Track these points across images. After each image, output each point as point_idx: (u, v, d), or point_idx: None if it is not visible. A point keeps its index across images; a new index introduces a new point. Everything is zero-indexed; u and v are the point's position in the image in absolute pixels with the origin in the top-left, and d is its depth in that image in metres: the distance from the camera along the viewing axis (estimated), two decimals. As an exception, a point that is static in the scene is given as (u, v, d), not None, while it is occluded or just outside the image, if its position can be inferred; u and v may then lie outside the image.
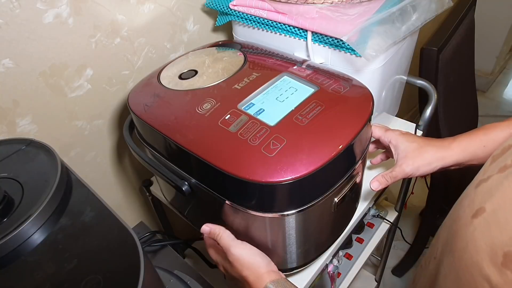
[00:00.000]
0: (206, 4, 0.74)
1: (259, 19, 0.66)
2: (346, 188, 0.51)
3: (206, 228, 0.52)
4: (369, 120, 0.49)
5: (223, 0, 0.70)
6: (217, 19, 0.74)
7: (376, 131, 0.59)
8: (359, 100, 0.51)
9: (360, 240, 1.03)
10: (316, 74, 0.55)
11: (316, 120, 0.47)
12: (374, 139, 0.62)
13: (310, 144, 0.44)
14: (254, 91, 0.52)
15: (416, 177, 1.00)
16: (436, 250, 0.52)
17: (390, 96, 0.73)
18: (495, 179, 0.40)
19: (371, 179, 0.57)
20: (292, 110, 0.48)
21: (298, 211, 0.46)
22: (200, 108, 0.50)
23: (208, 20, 0.79)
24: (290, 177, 0.42)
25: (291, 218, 0.47)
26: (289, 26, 0.63)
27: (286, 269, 0.57)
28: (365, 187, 0.62)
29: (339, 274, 0.95)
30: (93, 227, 0.37)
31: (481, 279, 0.38)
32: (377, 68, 0.60)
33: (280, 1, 0.61)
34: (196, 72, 0.59)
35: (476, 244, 0.39)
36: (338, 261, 0.82)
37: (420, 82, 0.83)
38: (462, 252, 0.41)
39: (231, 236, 0.50)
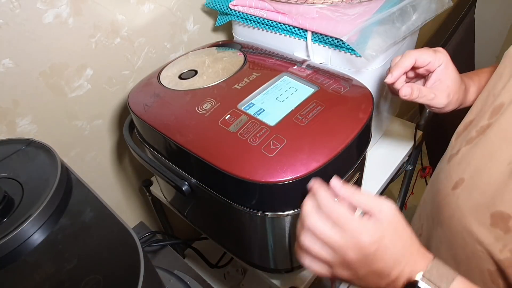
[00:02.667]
0: (206, 4, 0.74)
1: (259, 19, 0.66)
2: (346, 188, 0.51)
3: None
4: (369, 120, 0.49)
5: (223, 0, 0.70)
6: (217, 19, 0.74)
7: (425, 56, 0.50)
8: (359, 100, 0.51)
9: (360, 240, 1.02)
10: (316, 74, 0.55)
11: (316, 120, 0.47)
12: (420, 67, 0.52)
13: (310, 144, 0.44)
14: (254, 91, 0.52)
15: (416, 177, 1.00)
16: (419, 227, 0.54)
17: (390, 96, 0.73)
18: (464, 151, 0.43)
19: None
20: (292, 110, 0.48)
21: (298, 211, 0.46)
22: (200, 108, 0.50)
23: (208, 20, 0.79)
24: (290, 177, 0.42)
25: (291, 218, 0.47)
26: (289, 26, 0.63)
27: (286, 269, 0.57)
28: (365, 187, 0.62)
29: (339, 274, 0.95)
30: (93, 227, 0.37)
31: (472, 241, 0.39)
32: (377, 68, 0.60)
33: (280, 1, 0.61)
34: (196, 72, 0.59)
35: (461, 210, 0.41)
36: (338, 261, 0.82)
37: (420, 82, 0.83)
38: (449, 220, 0.43)
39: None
